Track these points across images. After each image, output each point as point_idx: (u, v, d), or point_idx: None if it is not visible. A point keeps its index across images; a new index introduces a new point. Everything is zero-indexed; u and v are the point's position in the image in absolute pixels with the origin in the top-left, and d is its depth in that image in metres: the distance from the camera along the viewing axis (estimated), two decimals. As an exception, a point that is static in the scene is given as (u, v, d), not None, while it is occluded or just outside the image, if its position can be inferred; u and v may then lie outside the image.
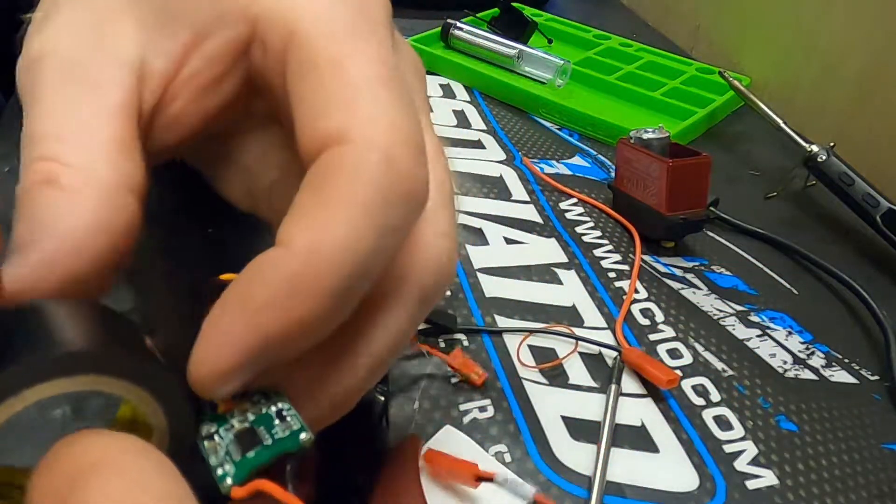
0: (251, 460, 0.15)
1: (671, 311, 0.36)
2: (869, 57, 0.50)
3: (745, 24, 0.63)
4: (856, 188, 0.43)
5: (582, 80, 0.57)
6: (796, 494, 0.27)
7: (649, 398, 0.30)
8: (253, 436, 0.16)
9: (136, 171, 0.18)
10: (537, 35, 0.63)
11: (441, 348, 0.31)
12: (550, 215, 0.42)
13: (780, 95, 0.57)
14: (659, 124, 0.42)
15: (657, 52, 0.63)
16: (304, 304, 0.15)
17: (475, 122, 0.52)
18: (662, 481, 0.27)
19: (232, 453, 0.15)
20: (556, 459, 0.27)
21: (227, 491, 0.15)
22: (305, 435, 0.16)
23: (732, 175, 0.49)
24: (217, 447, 0.15)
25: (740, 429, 0.30)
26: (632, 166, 0.41)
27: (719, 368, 0.32)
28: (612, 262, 0.38)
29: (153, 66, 0.19)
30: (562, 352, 0.32)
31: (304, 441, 0.16)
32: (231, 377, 0.15)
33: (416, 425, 0.28)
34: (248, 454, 0.15)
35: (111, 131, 0.18)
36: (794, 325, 0.36)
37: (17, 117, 0.19)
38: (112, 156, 0.17)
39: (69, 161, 0.17)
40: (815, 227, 0.45)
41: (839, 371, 0.34)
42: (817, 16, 0.55)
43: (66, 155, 0.17)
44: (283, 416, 0.16)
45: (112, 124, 0.18)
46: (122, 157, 0.18)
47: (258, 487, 0.15)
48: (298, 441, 0.16)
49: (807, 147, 0.45)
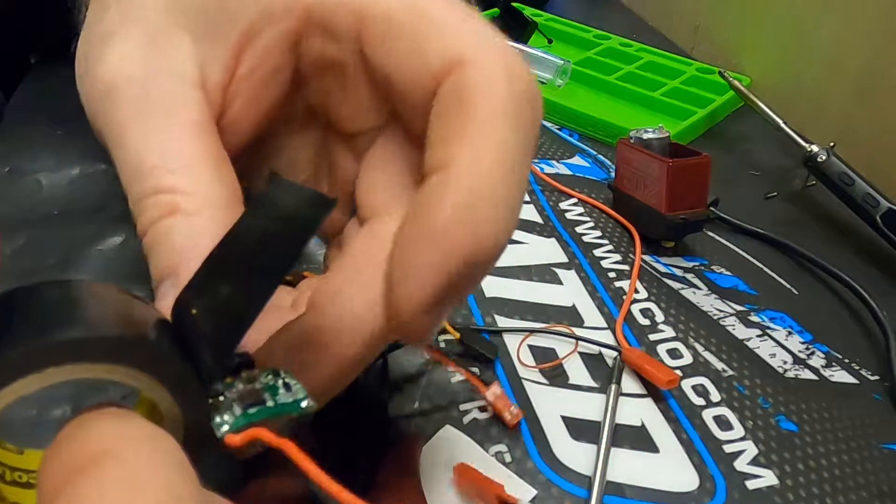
0: (251, 415, 0.15)
1: (671, 311, 0.36)
2: (869, 57, 0.50)
3: (745, 24, 0.63)
4: (856, 188, 0.43)
5: (582, 80, 0.57)
6: (796, 494, 0.27)
7: (649, 398, 0.30)
8: (257, 398, 0.16)
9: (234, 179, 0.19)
10: (537, 35, 0.63)
11: (477, 375, 0.30)
12: (550, 215, 0.42)
13: (780, 95, 0.57)
14: (659, 124, 0.42)
15: (657, 52, 0.63)
16: (485, 214, 0.16)
17: (475, 122, 0.52)
18: (662, 481, 0.27)
19: (234, 408, 0.15)
20: (556, 459, 0.27)
21: (222, 437, 0.15)
22: (308, 402, 0.16)
23: (732, 175, 0.49)
24: (221, 405, 0.15)
25: (740, 429, 0.30)
26: (632, 166, 0.41)
27: (719, 368, 0.32)
28: (612, 262, 0.38)
29: (211, 75, 0.20)
30: (562, 352, 0.32)
31: (307, 408, 0.16)
32: (437, 306, 0.16)
33: (416, 425, 0.28)
34: (249, 410, 0.16)
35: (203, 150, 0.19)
36: (794, 325, 0.36)
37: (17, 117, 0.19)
38: (215, 173, 0.19)
39: (185, 189, 0.18)
40: (815, 227, 0.45)
41: (839, 371, 0.34)
42: (817, 16, 0.55)
43: (180, 184, 0.18)
44: (288, 387, 0.16)
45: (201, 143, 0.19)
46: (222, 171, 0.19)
47: (253, 435, 0.15)
48: (300, 406, 0.16)
49: (807, 147, 0.45)
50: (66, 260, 0.34)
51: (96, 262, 0.34)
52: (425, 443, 0.27)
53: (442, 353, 0.30)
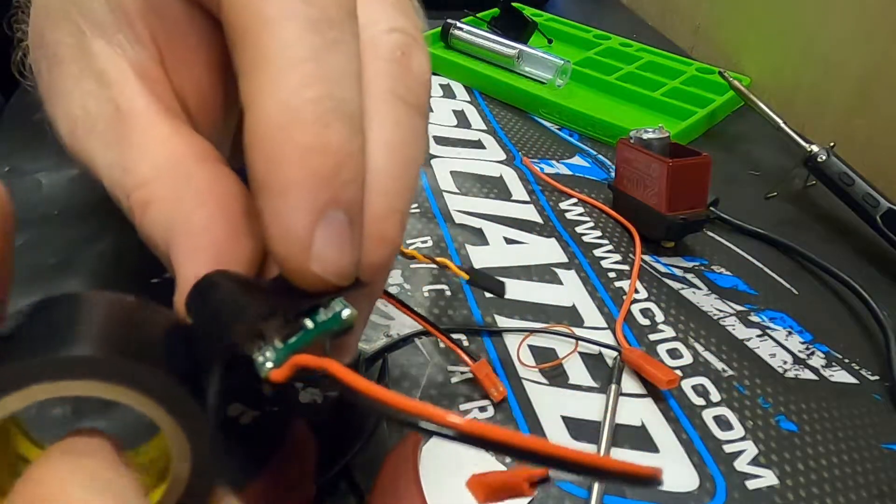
0: (291, 345, 0.15)
1: (671, 311, 0.36)
2: (869, 57, 0.50)
3: (745, 24, 0.63)
4: (856, 188, 0.43)
5: (582, 80, 0.57)
6: (796, 494, 0.27)
7: (649, 398, 0.30)
8: (296, 327, 0.16)
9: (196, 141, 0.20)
10: (537, 35, 0.63)
11: (465, 348, 0.30)
12: (550, 215, 0.42)
13: (780, 95, 0.57)
14: (659, 124, 0.42)
15: (657, 52, 0.63)
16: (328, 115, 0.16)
17: (475, 122, 0.52)
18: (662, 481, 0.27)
19: (275, 344, 0.15)
20: (556, 459, 0.27)
21: (266, 376, 0.15)
22: (347, 311, 0.16)
23: (732, 175, 0.49)
24: (262, 346, 0.15)
25: (740, 429, 0.30)
26: (632, 166, 0.41)
27: (719, 368, 0.32)
28: (612, 262, 0.38)
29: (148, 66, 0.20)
30: (562, 352, 0.32)
31: (347, 318, 0.16)
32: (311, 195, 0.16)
33: (416, 425, 0.28)
34: (289, 341, 0.15)
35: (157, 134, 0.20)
36: (794, 325, 0.36)
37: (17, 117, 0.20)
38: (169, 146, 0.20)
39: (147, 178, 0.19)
40: (815, 227, 0.45)
41: (839, 371, 0.34)
42: (817, 16, 0.55)
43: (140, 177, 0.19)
44: (326, 305, 0.16)
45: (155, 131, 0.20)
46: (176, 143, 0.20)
47: (296, 363, 0.14)
48: (340, 318, 0.16)
49: (807, 147, 0.45)
50: (66, 260, 0.34)
51: (96, 262, 0.34)
52: (425, 443, 0.27)
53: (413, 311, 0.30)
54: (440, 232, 0.39)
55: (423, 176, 0.44)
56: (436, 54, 0.58)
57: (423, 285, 0.35)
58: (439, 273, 0.36)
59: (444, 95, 0.55)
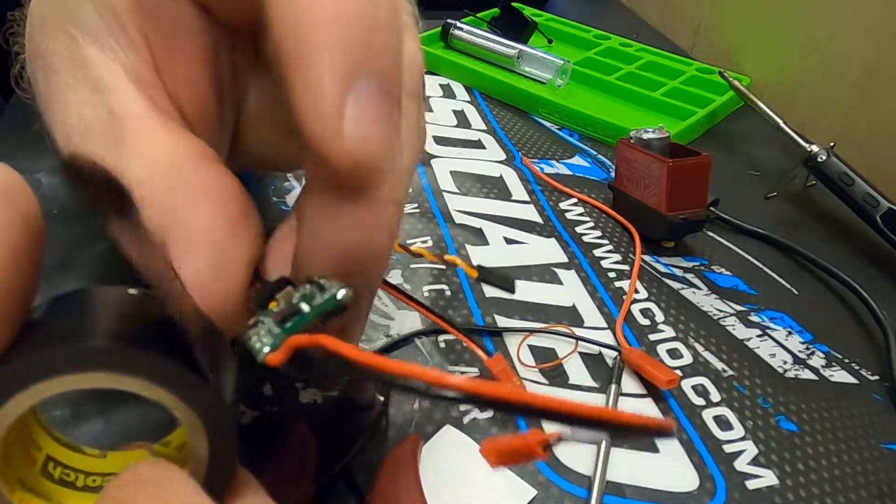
0: (288, 329, 0.15)
1: (671, 311, 0.36)
2: (869, 57, 0.50)
3: (745, 24, 0.63)
4: (856, 188, 0.43)
5: (582, 80, 0.57)
6: (796, 494, 0.27)
7: (649, 398, 0.30)
8: (292, 311, 0.16)
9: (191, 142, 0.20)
10: (537, 35, 0.63)
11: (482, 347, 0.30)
12: (550, 215, 0.42)
13: (780, 95, 0.57)
14: (659, 124, 0.42)
15: (657, 52, 0.63)
16: None
17: (475, 122, 0.52)
18: (662, 481, 0.27)
19: (272, 329, 0.15)
20: (556, 459, 0.27)
21: (263, 360, 0.15)
22: (343, 293, 0.16)
23: (732, 175, 0.49)
24: (259, 331, 0.15)
25: (740, 429, 0.30)
26: (632, 166, 0.41)
27: (719, 368, 0.32)
28: (612, 262, 0.38)
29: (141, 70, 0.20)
30: (562, 352, 0.32)
31: (343, 298, 0.16)
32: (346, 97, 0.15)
33: (416, 425, 0.28)
34: (286, 325, 0.15)
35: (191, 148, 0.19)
36: (794, 325, 0.36)
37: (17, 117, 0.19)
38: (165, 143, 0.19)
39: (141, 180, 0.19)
40: (815, 227, 0.45)
41: (839, 371, 0.34)
42: (817, 16, 0.55)
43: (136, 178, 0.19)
44: (322, 287, 0.16)
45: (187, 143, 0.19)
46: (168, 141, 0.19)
47: (292, 345, 0.14)
48: (336, 299, 0.16)
49: (807, 147, 0.45)
50: (66, 260, 0.34)
51: (96, 262, 0.34)
52: (425, 443, 0.27)
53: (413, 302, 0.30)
54: (440, 232, 0.39)
55: (423, 176, 0.44)
56: (436, 54, 0.58)
57: (424, 285, 0.35)
58: (439, 273, 0.36)
59: (444, 95, 0.55)
